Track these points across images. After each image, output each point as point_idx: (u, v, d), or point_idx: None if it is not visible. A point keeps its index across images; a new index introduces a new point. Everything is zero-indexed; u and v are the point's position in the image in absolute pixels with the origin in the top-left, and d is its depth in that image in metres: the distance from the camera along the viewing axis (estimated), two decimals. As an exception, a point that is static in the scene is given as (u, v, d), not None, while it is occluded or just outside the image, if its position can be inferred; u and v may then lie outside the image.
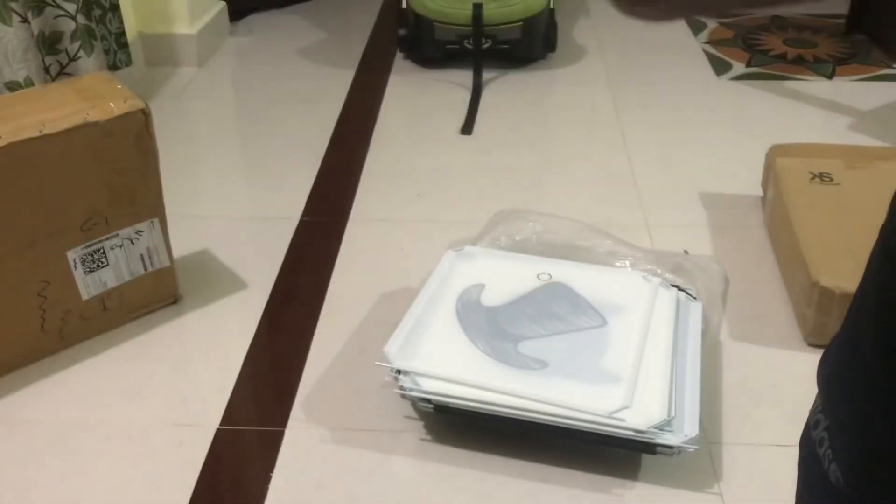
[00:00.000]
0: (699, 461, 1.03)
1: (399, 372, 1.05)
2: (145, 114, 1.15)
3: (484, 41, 2.12)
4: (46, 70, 1.67)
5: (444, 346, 1.09)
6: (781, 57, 2.25)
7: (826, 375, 0.41)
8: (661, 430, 0.96)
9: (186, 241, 1.46)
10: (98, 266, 1.20)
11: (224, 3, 2.42)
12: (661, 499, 0.98)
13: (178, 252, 1.35)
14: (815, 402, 0.42)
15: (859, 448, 0.37)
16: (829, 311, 1.17)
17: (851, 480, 0.38)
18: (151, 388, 1.16)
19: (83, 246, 1.17)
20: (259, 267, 1.41)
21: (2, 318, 1.14)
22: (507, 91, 2.09)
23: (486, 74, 2.15)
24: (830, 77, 2.13)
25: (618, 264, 1.34)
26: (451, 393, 1.02)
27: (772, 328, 1.26)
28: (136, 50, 2.14)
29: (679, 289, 1.21)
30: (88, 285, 1.20)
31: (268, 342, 1.25)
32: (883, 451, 0.36)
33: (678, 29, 2.49)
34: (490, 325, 1.13)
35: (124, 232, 1.20)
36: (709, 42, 2.38)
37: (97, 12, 1.80)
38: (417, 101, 2.05)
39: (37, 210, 1.10)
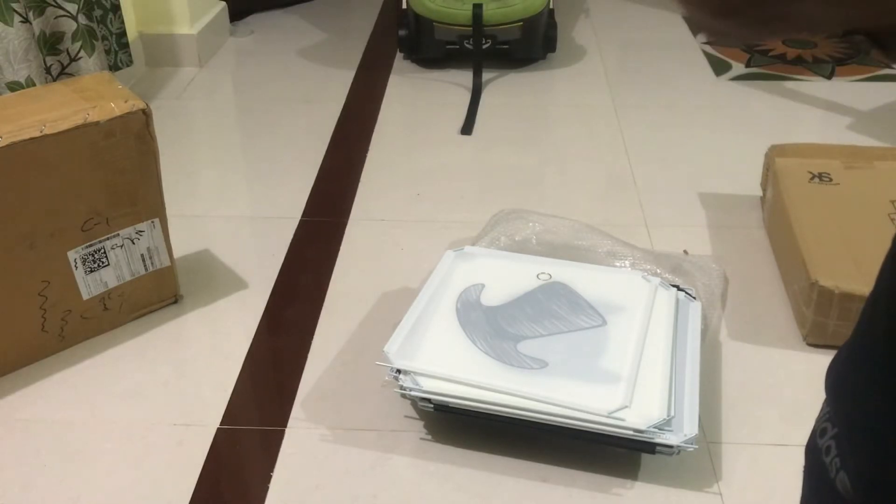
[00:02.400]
0: (698, 461, 1.03)
1: (399, 371, 1.05)
2: (146, 114, 1.15)
3: (484, 41, 2.12)
4: (48, 70, 1.67)
5: (444, 346, 1.09)
6: (781, 57, 2.26)
7: (834, 383, 0.41)
8: (660, 429, 0.97)
9: (187, 240, 1.46)
10: (98, 266, 1.20)
11: (224, 3, 2.42)
12: (660, 498, 0.98)
13: (178, 252, 1.36)
14: (822, 409, 0.42)
15: (870, 456, 0.37)
16: (827, 310, 1.17)
17: (861, 489, 0.38)
18: (151, 388, 1.16)
19: (84, 246, 1.17)
20: (259, 267, 1.41)
21: (2, 318, 1.14)
22: (506, 91, 2.09)
23: (486, 74, 2.15)
24: (829, 77, 2.13)
25: (617, 264, 1.35)
26: (450, 392, 1.02)
27: (771, 328, 1.26)
28: (136, 50, 2.14)
29: (678, 289, 1.22)
30: (89, 285, 1.20)
31: (268, 342, 1.25)
32: (894, 459, 0.36)
33: (678, 29, 2.49)
34: (490, 325, 1.13)
35: (125, 232, 1.21)
36: (708, 42, 2.38)
37: (98, 12, 1.81)
38: (417, 101, 2.05)
39: (37, 210, 1.11)
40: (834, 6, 0.24)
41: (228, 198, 1.62)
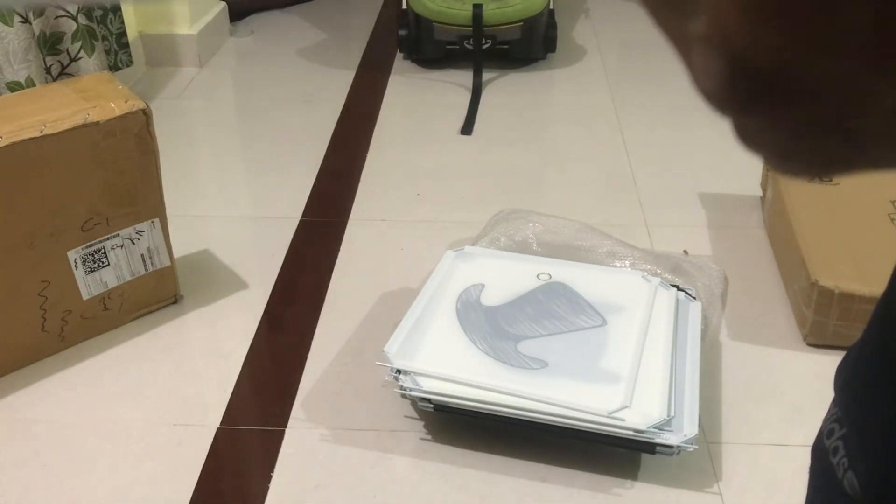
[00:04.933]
0: (698, 461, 1.03)
1: (399, 371, 1.05)
2: (146, 114, 1.15)
3: (484, 41, 2.12)
4: (48, 70, 1.67)
5: (444, 346, 1.09)
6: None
7: (844, 383, 0.41)
8: (660, 429, 0.97)
9: (187, 240, 1.46)
10: (99, 266, 1.20)
11: (224, 3, 2.42)
12: (660, 498, 0.98)
13: (178, 252, 1.36)
14: (830, 410, 0.42)
15: (880, 456, 0.37)
16: (827, 310, 1.17)
17: (870, 489, 0.38)
18: (151, 388, 1.16)
19: (84, 246, 1.17)
20: (259, 267, 1.41)
21: (2, 317, 1.14)
22: (506, 91, 2.09)
23: (486, 75, 2.15)
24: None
25: (617, 264, 1.35)
26: (450, 392, 1.02)
27: (771, 328, 1.26)
28: (136, 50, 2.14)
29: (678, 289, 1.22)
30: (89, 285, 1.20)
31: (268, 342, 1.25)
32: None
33: (678, 29, 2.49)
34: (490, 325, 1.13)
35: (125, 232, 1.21)
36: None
37: (98, 13, 1.81)
38: (417, 101, 2.05)
39: (38, 210, 1.11)
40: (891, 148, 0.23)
41: (228, 198, 1.62)
